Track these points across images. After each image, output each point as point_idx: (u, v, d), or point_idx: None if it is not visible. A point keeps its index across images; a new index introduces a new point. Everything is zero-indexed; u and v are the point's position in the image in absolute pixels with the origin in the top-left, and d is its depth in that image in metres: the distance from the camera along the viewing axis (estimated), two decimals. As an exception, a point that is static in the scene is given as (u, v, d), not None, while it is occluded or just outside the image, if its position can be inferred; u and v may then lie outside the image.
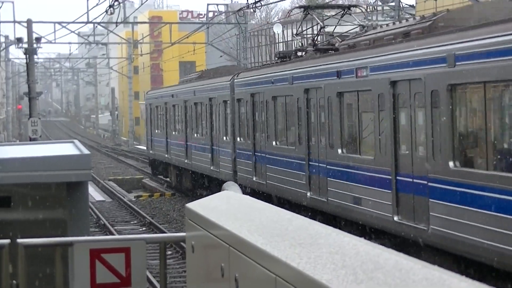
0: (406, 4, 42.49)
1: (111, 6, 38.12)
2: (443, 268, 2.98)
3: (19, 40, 44.22)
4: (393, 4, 41.59)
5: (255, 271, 3.99)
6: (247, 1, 36.74)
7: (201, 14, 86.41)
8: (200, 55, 68.33)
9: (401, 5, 40.86)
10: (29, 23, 41.48)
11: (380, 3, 44.62)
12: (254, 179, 24.06)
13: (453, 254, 13.52)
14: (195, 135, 32.27)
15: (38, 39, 43.35)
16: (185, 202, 29.54)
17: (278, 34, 61.22)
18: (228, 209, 5.35)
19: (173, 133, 36.35)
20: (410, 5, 42.72)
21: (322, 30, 24.82)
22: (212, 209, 5.47)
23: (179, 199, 34.79)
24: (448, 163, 13.39)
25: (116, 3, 38.14)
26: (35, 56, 41.49)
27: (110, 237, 20.55)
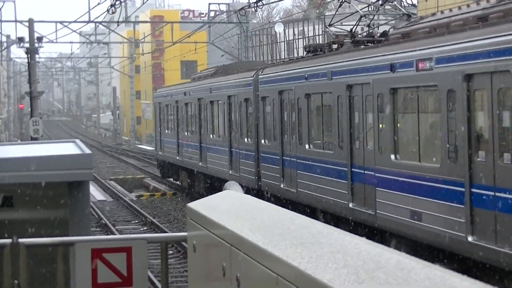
0: (407, 4, 42.41)
1: (112, 6, 38.13)
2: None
3: (20, 40, 44.26)
4: (394, 3, 41.50)
5: (256, 270, 3.98)
6: (248, 0, 36.72)
7: (203, 14, 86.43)
8: (201, 54, 68.35)
9: (402, 4, 40.79)
10: (31, 22, 41.49)
11: (381, 2, 44.54)
12: (281, 186, 21.88)
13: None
14: (211, 136, 30.01)
15: (40, 39, 43.38)
16: (186, 201, 29.53)
17: (280, 33, 61.25)
18: (230, 209, 5.34)
19: (185, 133, 34.08)
20: (411, 4, 42.66)
21: (361, 20, 22.48)
22: (213, 208, 5.46)
23: (180, 199, 34.79)
24: None
25: (117, 2, 38.15)
26: (36, 56, 41.50)
27: (111, 236, 20.58)
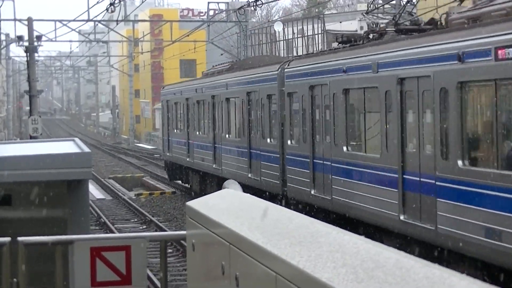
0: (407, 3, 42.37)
1: (111, 4, 38.12)
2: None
3: (19, 38, 44.24)
4: (394, 2, 41.53)
5: (255, 269, 3.98)
6: (247, -1, 36.71)
7: (202, 12, 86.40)
8: (200, 53, 68.31)
9: (401, 3, 40.80)
10: (30, 21, 41.47)
11: (381, 1, 44.58)
12: (312, 192, 19.36)
13: None
14: (227, 136, 27.50)
15: (39, 37, 43.37)
16: (186, 200, 29.48)
17: (279, 32, 61.25)
18: (229, 208, 5.34)
19: (197, 133, 31.53)
20: (411, 4, 42.60)
21: (406, 6, 19.75)
22: (212, 207, 5.46)
23: (179, 198, 34.79)
24: None
25: (116, 1, 38.14)
26: (35, 54, 41.48)
27: (110, 235, 20.60)
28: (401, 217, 14.64)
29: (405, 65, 14.94)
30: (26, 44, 40.79)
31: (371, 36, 18.59)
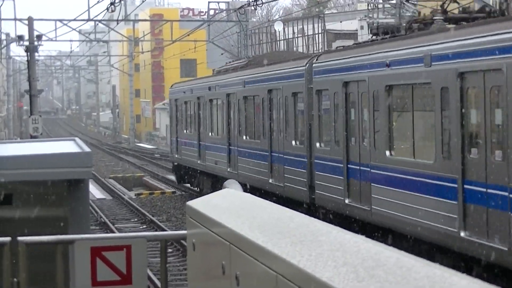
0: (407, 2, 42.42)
1: (112, 4, 38.12)
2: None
3: (20, 38, 44.26)
4: (394, 1, 41.57)
5: (256, 268, 3.98)
6: (248, -1, 36.72)
7: (202, 12, 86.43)
8: (201, 52, 68.32)
9: (402, 2, 40.82)
10: (30, 20, 41.46)
11: (381, 1, 44.62)
12: (346, 201, 17.50)
13: None
14: (244, 137, 25.58)
15: (39, 37, 43.36)
16: (186, 200, 29.50)
17: (279, 31, 61.25)
18: (229, 207, 5.34)
19: (210, 134, 29.60)
20: (411, 3, 42.65)
21: None
22: (213, 207, 5.46)
23: (179, 197, 34.79)
24: None
25: (117, 0, 38.14)
26: (36, 54, 41.47)
27: (111, 235, 20.61)
28: (462, 234, 12.79)
29: (466, 57, 12.90)
30: (27, 43, 40.78)
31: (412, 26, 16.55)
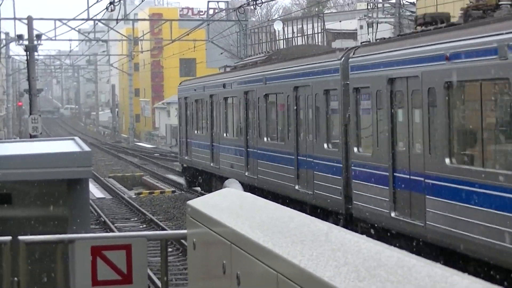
0: (407, 1, 42.48)
1: (111, 3, 38.12)
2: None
3: (19, 37, 44.29)
4: (393, 1, 41.58)
5: (256, 268, 3.98)
6: (247, -2, 36.72)
7: (202, 11, 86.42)
8: (200, 52, 68.30)
9: (401, 2, 40.85)
10: (30, 20, 41.46)
11: (380, 0, 44.63)
12: (393, 214, 15.32)
13: None
14: (265, 139, 23.40)
15: (39, 36, 43.39)
16: (185, 199, 29.46)
17: (279, 31, 61.24)
18: (230, 207, 5.34)
19: (224, 135, 27.59)
20: (410, 3, 42.72)
21: None
22: (213, 206, 5.46)
23: (179, 197, 34.78)
24: None
25: (116, 0, 38.14)
26: (35, 53, 41.47)
27: (111, 234, 20.59)
28: None
29: None
30: (26, 43, 40.77)
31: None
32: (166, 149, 70.40)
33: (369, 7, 46.17)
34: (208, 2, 58.69)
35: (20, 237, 6.68)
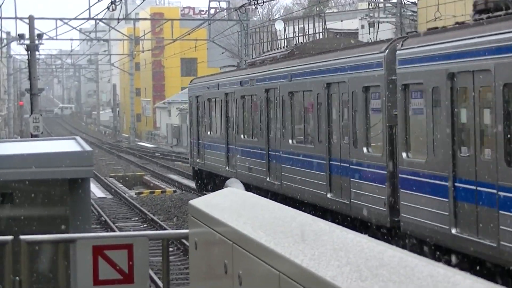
0: (408, 1, 42.47)
1: (112, 3, 38.12)
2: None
3: (20, 37, 44.32)
4: (395, 1, 41.58)
5: (258, 268, 3.98)
6: (248, -2, 36.72)
7: (203, 11, 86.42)
8: (201, 51, 68.30)
9: (402, 2, 40.85)
10: (31, 19, 41.46)
11: (382, 0, 44.62)
12: (453, 231, 13.18)
13: None
14: (289, 141, 21.52)
15: (40, 36, 43.38)
16: (186, 199, 29.49)
17: (280, 30, 61.25)
18: (232, 206, 5.34)
19: (242, 136, 25.72)
20: (412, 2, 42.70)
21: None
22: (215, 206, 5.46)
23: (179, 196, 34.79)
24: None
25: (117, -1, 38.15)
26: (36, 53, 41.47)
27: (113, 233, 20.59)
28: None
29: None
30: (27, 42, 40.79)
31: None
32: (167, 149, 70.45)
33: (370, 6, 46.16)
34: (209, 1, 58.65)
35: (21, 237, 6.69)
